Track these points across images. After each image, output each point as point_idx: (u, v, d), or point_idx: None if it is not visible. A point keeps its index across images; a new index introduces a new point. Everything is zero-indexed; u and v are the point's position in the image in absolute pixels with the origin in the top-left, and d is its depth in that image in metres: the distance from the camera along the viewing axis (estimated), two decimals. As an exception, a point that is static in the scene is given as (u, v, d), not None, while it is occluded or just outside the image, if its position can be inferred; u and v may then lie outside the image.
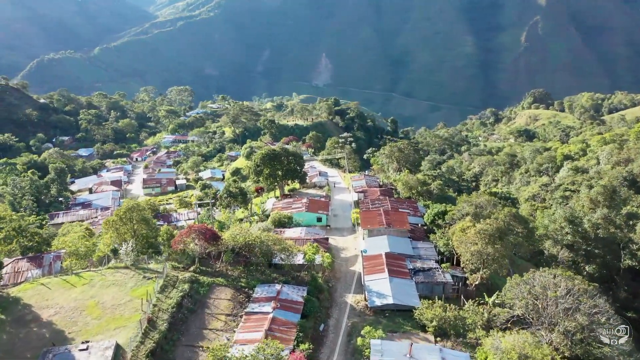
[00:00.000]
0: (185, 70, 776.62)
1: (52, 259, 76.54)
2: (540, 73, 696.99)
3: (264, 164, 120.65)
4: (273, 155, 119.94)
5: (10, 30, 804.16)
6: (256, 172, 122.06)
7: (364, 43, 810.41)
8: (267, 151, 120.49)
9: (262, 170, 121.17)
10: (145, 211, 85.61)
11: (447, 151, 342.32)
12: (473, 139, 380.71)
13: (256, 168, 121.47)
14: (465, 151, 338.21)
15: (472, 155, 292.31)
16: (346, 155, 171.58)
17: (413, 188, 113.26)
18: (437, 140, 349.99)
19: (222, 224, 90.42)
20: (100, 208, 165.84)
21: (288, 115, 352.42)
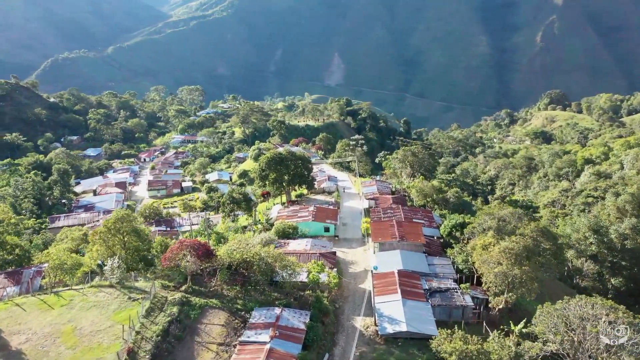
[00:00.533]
0: (198, 69, 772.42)
1: (32, 275, 69.79)
2: (555, 74, 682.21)
3: (269, 168, 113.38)
4: (279, 160, 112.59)
5: (25, 29, 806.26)
6: (261, 176, 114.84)
7: (376, 43, 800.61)
8: (273, 155, 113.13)
9: (268, 175, 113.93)
10: (137, 221, 78.21)
11: (461, 153, 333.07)
12: (488, 141, 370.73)
13: (261, 173, 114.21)
14: (479, 153, 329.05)
15: (487, 158, 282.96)
16: (357, 158, 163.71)
17: (428, 196, 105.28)
18: (451, 142, 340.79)
19: (220, 235, 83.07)
20: (102, 211, 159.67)
21: (299, 116, 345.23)
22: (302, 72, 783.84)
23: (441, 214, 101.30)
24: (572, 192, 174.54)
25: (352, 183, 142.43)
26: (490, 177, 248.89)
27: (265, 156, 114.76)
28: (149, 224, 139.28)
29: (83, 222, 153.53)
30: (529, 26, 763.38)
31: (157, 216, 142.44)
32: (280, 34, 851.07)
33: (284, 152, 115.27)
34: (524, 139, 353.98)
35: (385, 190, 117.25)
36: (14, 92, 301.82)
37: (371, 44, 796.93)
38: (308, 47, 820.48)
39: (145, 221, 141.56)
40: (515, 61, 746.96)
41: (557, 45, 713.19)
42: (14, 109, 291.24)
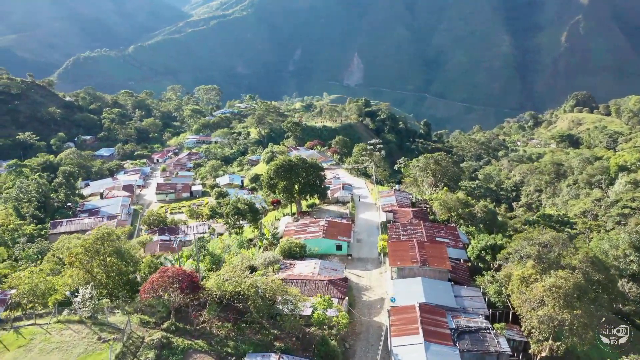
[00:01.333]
0: (217, 69, 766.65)
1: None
2: (580, 75, 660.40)
3: (278, 176, 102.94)
4: (289, 167, 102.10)
5: (50, 29, 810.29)
6: (269, 185, 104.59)
7: (397, 43, 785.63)
8: (282, 162, 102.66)
9: (277, 183, 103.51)
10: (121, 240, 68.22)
11: (484, 156, 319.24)
12: (511, 144, 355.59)
13: (269, 181, 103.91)
14: (502, 157, 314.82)
15: (511, 162, 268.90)
16: (374, 163, 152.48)
17: (452, 210, 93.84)
18: (473, 145, 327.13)
19: (216, 258, 72.54)
20: (107, 216, 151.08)
21: (316, 116, 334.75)
22: (321, 72, 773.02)
23: (468, 231, 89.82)
24: (605, 202, 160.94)
25: (369, 191, 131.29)
26: (515, 182, 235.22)
27: (273, 163, 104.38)
28: (152, 232, 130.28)
29: (86, 228, 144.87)
30: (553, 26, 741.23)
31: (161, 224, 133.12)
32: (299, 34, 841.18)
33: (295, 158, 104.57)
34: (549, 142, 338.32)
35: (404, 201, 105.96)
36: (29, 91, 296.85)
37: (391, 43, 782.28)
38: (327, 46, 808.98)
39: (149, 229, 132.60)
40: (539, 62, 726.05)
41: (582, 46, 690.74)
42: (28, 108, 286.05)
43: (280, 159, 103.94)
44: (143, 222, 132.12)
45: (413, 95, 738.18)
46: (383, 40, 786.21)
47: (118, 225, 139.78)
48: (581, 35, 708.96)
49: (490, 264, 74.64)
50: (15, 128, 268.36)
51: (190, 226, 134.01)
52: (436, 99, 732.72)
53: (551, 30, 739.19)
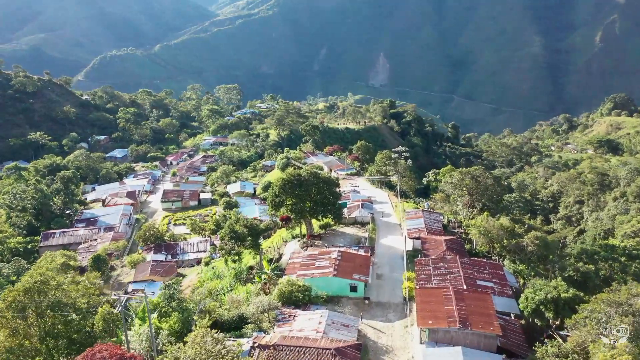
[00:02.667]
0: (242, 68, 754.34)
1: None
2: (615, 76, 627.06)
3: (285, 193, 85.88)
4: (298, 183, 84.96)
5: (78, 28, 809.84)
6: (275, 204, 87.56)
7: (424, 43, 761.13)
8: (290, 177, 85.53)
9: (283, 201, 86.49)
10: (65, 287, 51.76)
11: (516, 162, 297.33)
12: (545, 149, 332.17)
13: (274, 199, 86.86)
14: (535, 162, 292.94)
15: (546, 169, 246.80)
16: (399, 173, 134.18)
17: (495, 240, 75.35)
18: (504, 150, 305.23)
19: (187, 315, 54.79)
20: (104, 227, 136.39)
21: (339, 118, 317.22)
22: (346, 72, 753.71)
23: (516, 269, 71.25)
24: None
25: (393, 207, 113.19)
26: (553, 192, 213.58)
27: (280, 177, 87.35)
28: (147, 249, 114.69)
29: (79, 241, 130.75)
30: (587, 26, 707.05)
31: (157, 239, 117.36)
32: (325, 33, 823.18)
33: (305, 172, 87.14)
34: (586, 148, 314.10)
35: (434, 225, 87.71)
36: (45, 89, 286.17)
37: (418, 43, 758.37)
38: (353, 46, 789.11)
39: (145, 245, 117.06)
40: (571, 63, 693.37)
41: (617, 46, 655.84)
42: (43, 107, 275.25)
43: (288, 173, 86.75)
44: (138, 237, 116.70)
45: (439, 97, 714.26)
46: (410, 40, 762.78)
47: (114, 238, 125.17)
48: (617, 35, 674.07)
49: (551, 322, 56.25)
50: (29, 127, 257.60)
51: (191, 242, 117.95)
52: (463, 100, 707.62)
53: (585, 30, 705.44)
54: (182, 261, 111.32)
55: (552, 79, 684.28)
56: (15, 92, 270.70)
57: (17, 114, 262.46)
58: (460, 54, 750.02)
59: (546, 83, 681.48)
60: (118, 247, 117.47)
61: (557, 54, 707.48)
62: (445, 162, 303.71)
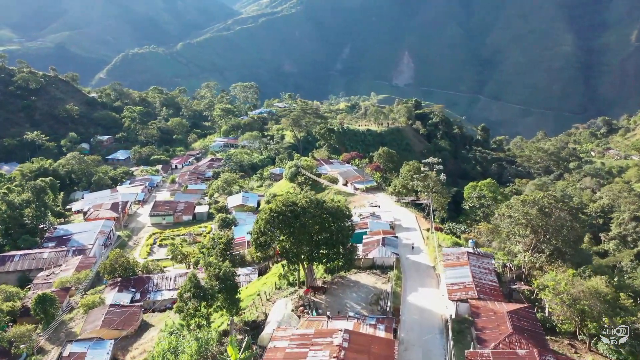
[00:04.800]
0: (264, 66, 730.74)
1: None
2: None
3: (276, 228, 59.73)
4: (293, 215, 58.53)
5: (103, 26, 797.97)
6: (259, 244, 61.36)
7: (450, 41, 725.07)
8: (282, 207, 59.20)
9: (271, 240, 60.42)
10: None
11: (553, 169, 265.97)
12: (584, 154, 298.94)
13: (259, 237, 60.67)
14: (574, 169, 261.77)
15: (592, 179, 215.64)
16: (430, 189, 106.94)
17: (586, 314, 48.03)
18: (540, 155, 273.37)
19: None
20: (73, 250, 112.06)
21: (360, 119, 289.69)
22: (370, 71, 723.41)
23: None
24: None
25: (423, 238, 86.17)
26: (602, 206, 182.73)
27: (268, 207, 60.90)
28: (113, 285, 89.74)
29: (41, 267, 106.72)
30: (622, 24, 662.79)
31: (127, 272, 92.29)
32: (348, 32, 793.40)
33: (304, 200, 60.36)
34: (631, 154, 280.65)
35: (486, 278, 60.15)
36: (49, 86, 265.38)
37: (444, 42, 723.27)
38: (377, 45, 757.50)
39: (111, 279, 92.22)
40: (605, 62, 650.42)
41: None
42: (46, 104, 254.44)
43: (279, 202, 60.31)
44: (102, 269, 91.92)
45: (465, 97, 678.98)
46: (435, 39, 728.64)
47: (81, 265, 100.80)
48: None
49: None
50: (30, 126, 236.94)
51: (168, 277, 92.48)
52: (490, 101, 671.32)
53: (619, 29, 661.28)
54: (153, 302, 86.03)
55: (584, 79, 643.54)
56: (17, 88, 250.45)
57: (17, 111, 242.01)
58: (488, 53, 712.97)
59: (578, 83, 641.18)
60: (80, 278, 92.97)
61: (590, 53, 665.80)
62: (475, 168, 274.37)
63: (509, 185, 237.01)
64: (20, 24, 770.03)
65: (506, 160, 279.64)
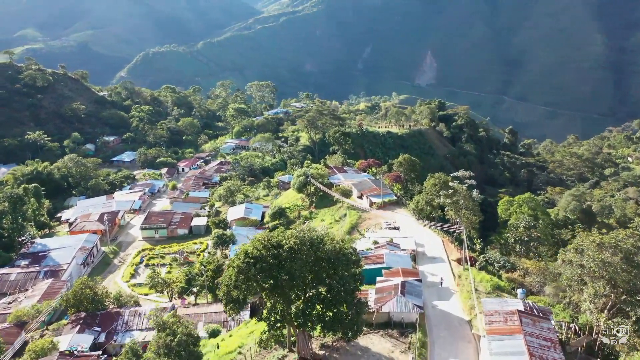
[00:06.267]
0: (285, 66, 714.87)
1: None
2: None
3: (249, 281, 42.39)
4: (276, 263, 40.98)
5: (127, 25, 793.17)
6: (231, 302, 43.92)
7: (475, 40, 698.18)
8: (261, 250, 41.62)
9: (244, 296, 43.03)
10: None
11: (587, 176, 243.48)
12: (620, 160, 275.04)
13: (229, 292, 43.29)
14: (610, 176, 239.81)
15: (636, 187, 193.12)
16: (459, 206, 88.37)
17: None
18: (574, 161, 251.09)
19: None
20: (45, 271, 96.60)
21: (380, 120, 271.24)
22: (391, 71, 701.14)
23: None
24: None
25: (453, 273, 67.94)
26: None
27: (243, 250, 43.33)
28: (75, 323, 73.46)
29: (7, 290, 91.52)
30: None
31: (95, 305, 75.99)
32: (370, 31, 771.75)
33: (291, 239, 42.58)
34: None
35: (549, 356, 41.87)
36: (57, 84, 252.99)
37: (469, 41, 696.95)
38: (399, 44, 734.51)
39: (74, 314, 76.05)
40: (637, 63, 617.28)
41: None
42: (53, 103, 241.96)
43: (258, 242, 42.78)
44: (64, 301, 75.84)
45: (490, 97, 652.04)
46: (460, 38, 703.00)
47: (48, 292, 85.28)
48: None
49: None
50: (35, 125, 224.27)
51: (141, 313, 75.77)
52: (515, 102, 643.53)
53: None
54: (120, 346, 69.51)
55: (615, 80, 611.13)
56: (23, 86, 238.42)
57: (22, 110, 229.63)
58: (514, 53, 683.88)
59: (608, 84, 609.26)
60: (39, 309, 77.00)
61: (622, 53, 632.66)
62: (503, 174, 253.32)
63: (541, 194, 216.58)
64: (46, 23, 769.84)
65: (536, 165, 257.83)
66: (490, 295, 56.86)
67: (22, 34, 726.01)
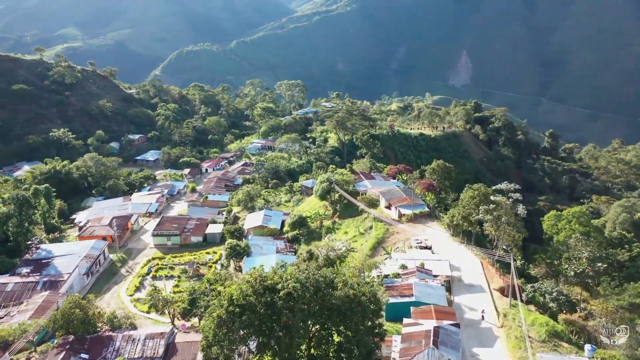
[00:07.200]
0: (317, 65, 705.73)
1: None
2: None
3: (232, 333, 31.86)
4: (269, 314, 30.27)
5: (162, 24, 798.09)
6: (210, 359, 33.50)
7: (512, 40, 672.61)
8: (250, 295, 30.98)
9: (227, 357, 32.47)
10: None
11: (636, 184, 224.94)
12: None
13: (209, 347, 32.85)
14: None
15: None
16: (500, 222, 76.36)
17: None
18: (621, 167, 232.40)
19: None
20: (44, 280, 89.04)
21: (413, 121, 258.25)
22: (425, 71, 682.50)
23: None
24: None
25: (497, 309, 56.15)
26: None
27: (227, 293, 32.98)
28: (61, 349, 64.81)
29: (2, 302, 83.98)
30: None
31: (86, 327, 67.20)
32: (405, 30, 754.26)
33: (292, 280, 32.16)
34: None
35: None
36: (86, 81, 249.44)
37: (505, 41, 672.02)
38: (434, 44, 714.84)
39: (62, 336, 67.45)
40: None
41: None
42: (80, 100, 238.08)
43: (247, 284, 32.19)
44: (50, 323, 67.32)
45: (527, 99, 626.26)
46: (496, 38, 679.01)
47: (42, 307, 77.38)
48: None
49: None
50: (61, 122, 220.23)
51: (135, 337, 66.50)
52: (553, 104, 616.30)
53: None
54: (106, 377, 60.45)
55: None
56: (52, 83, 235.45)
57: (49, 107, 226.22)
58: (553, 53, 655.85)
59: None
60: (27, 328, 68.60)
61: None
62: (543, 180, 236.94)
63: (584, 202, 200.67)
64: (85, 22, 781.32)
65: (579, 172, 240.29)
66: (546, 345, 45.05)
67: (63, 32, 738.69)
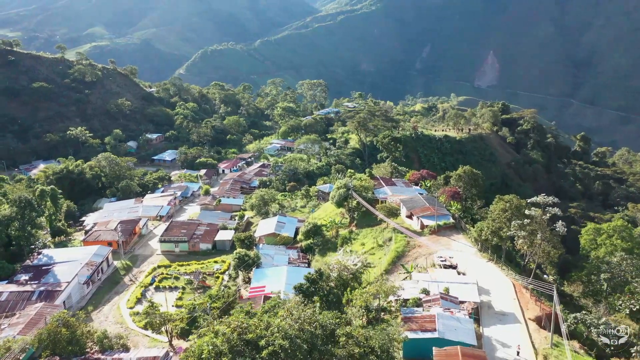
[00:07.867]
0: (341, 64, 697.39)
1: None
2: None
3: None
4: None
5: (187, 23, 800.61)
6: None
7: (540, 41, 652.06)
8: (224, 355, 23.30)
9: None
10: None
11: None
12: None
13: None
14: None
15: None
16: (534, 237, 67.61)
17: None
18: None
19: None
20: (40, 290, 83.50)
21: (437, 122, 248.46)
22: (451, 71, 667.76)
23: None
24: None
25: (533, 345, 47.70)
26: None
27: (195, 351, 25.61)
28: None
29: (-6, 313, 78.43)
30: None
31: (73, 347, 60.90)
32: (430, 30, 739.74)
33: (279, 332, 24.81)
34: None
35: None
36: (106, 79, 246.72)
37: (534, 41, 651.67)
38: (459, 44, 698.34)
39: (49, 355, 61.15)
40: None
41: None
42: (100, 98, 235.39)
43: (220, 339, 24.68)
44: (35, 342, 61.22)
45: (555, 101, 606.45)
46: (524, 38, 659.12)
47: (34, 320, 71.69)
48: None
49: None
50: (80, 120, 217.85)
51: None
52: (583, 106, 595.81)
53: None
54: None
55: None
56: (72, 81, 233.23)
57: (69, 105, 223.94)
58: (583, 54, 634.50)
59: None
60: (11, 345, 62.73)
61: None
62: (574, 186, 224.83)
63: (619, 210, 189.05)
64: (112, 21, 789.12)
65: (613, 177, 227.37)
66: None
67: (90, 32, 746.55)
